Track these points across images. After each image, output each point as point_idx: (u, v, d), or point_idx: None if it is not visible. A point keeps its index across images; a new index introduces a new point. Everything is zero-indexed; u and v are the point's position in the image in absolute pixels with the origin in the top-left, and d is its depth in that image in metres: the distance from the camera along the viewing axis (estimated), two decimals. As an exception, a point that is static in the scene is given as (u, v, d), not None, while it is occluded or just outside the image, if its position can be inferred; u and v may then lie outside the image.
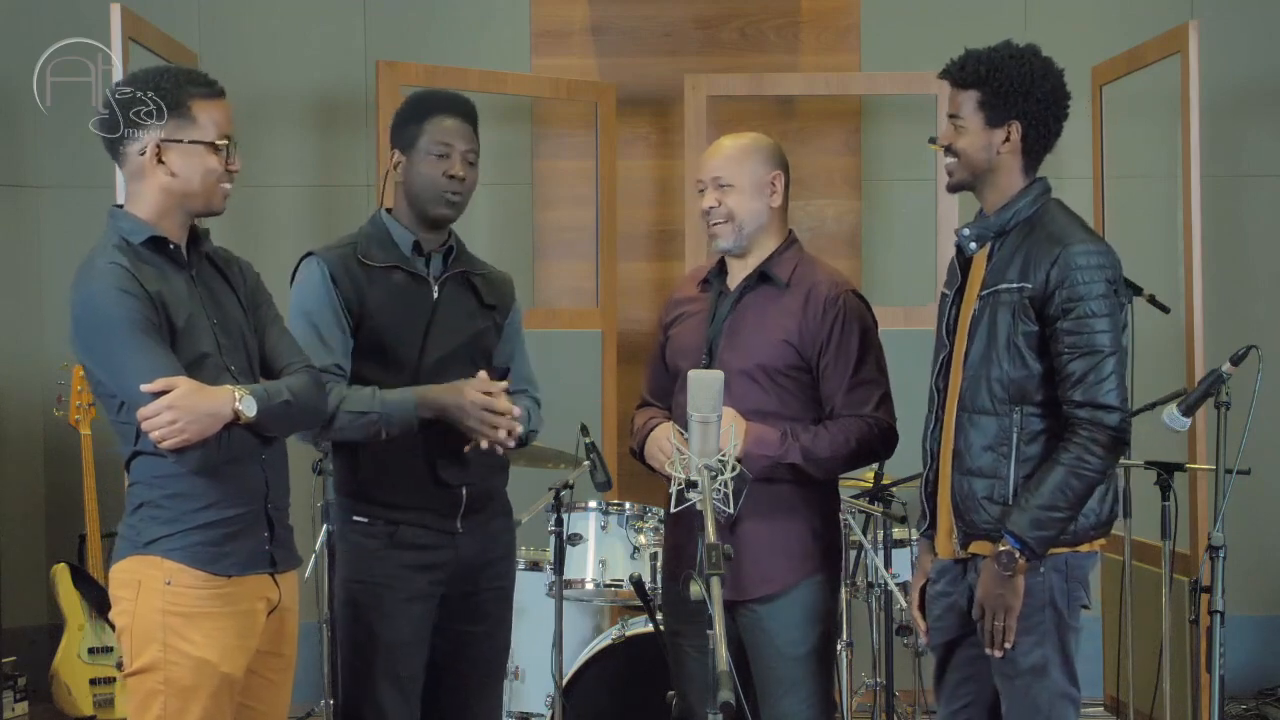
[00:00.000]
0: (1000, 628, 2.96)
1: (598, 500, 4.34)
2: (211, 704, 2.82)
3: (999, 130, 3.05)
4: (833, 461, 3.29)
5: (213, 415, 2.75)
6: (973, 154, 3.06)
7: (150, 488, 2.86)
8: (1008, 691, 3.05)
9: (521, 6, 5.86)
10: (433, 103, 3.37)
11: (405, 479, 3.27)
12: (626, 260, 5.79)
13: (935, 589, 3.17)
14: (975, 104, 3.05)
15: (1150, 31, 5.16)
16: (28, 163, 5.84)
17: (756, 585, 3.29)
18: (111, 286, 2.76)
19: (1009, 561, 2.92)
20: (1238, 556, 3.54)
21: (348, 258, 3.30)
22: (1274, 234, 5.84)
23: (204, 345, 2.86)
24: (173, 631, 2.80)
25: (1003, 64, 3.04)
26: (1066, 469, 2.92)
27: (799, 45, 5.85)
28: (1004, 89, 3.02)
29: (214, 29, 5.75)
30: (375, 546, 3.27)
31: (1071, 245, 2.95)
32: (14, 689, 5.40)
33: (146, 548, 2.83)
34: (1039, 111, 3.04)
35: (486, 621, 3.40)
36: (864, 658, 4.75)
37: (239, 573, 2.87)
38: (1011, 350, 2.98)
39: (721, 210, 3.34)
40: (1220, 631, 3.13)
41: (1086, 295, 2.92)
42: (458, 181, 3.31)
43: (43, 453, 5.83)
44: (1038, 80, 3.04)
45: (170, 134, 2.84)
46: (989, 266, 3.06)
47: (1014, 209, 3.06)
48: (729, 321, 3.36)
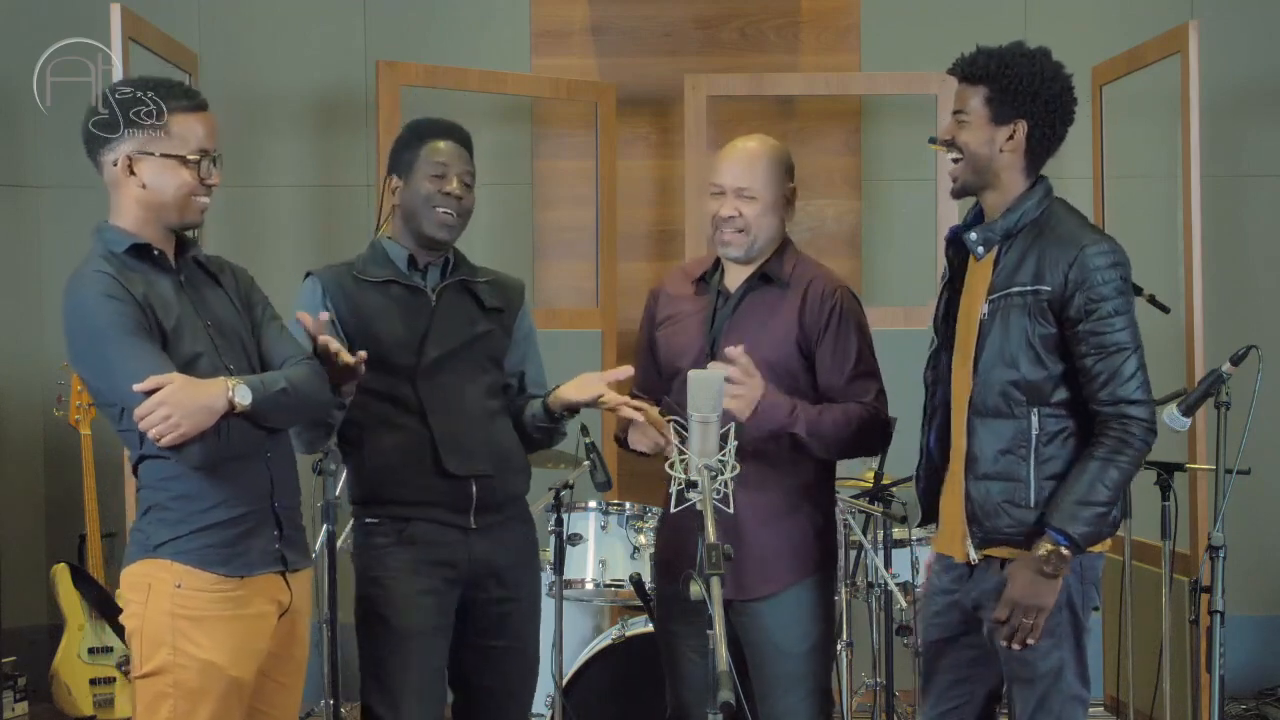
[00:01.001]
0: (1029, 626, 2.95)
1: (598, 500, 4.34)
2: (220, 707, 2.82)
3: (1004, 128, 3.04)
4: (835, 441, 3.30)
5: (207, 408, 2.75)
6: (975, 149, 3.05)
7: (157, 490, 2.86)
8: (1023, 694, 3.04)
9: (521, 6, 5.86)
10: (428, 129, 3.42)
11: (411, 474, 3.27)
12: (626, 260, 5.79)
13: (937, 584, 3.17)
14: (983, 99, 3.05)
15: (1150, 31, 5.16)
16: (28, 163, 5.84)
17: (758, 584, 3.30)
18: (97, 294, 2.77)
19: (1058, 561, 2.91)
20: (1238, 556, 3.55)
21: (342, 275, 3.35)
22: (1274, 234, 5.84)
23: (197, 346, 2.86)
24: (181, 635, 2.81)
25: (1014, 62, 3.03)
26: (1102, 463, 2.92)
27: (799, 45, 5.85)
28: (1013, 86, 3.01)
29: (214, 29, 5.75)
30: (386, 544, 3.28)
31: (1087, 246, 2.95)
32: (14, 689, 5.40)
33: (156, 550, 2.84)
34: (1045, 113, 3.03)
35: (508, 636, 3.38)
36: (864, 658, 4.75)
37: (249, 572, 2.87)
38: (1028, 353, 2.98)
39: (741, 221, 3.33)
40: (1220, 631, 3.14)
41: (1107, 295, 2.93)
42: (454, 200, 3.34)
43: (43, 453, 5.83)
44: (1047, 81, 3.03)
45: (142, 146, 2.84)
46: (997, 270, 3.05)
47: (1019, 211, 3.05)
48: (730, 321, 3.36)
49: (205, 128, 2.89)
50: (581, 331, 5.65)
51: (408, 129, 3.46)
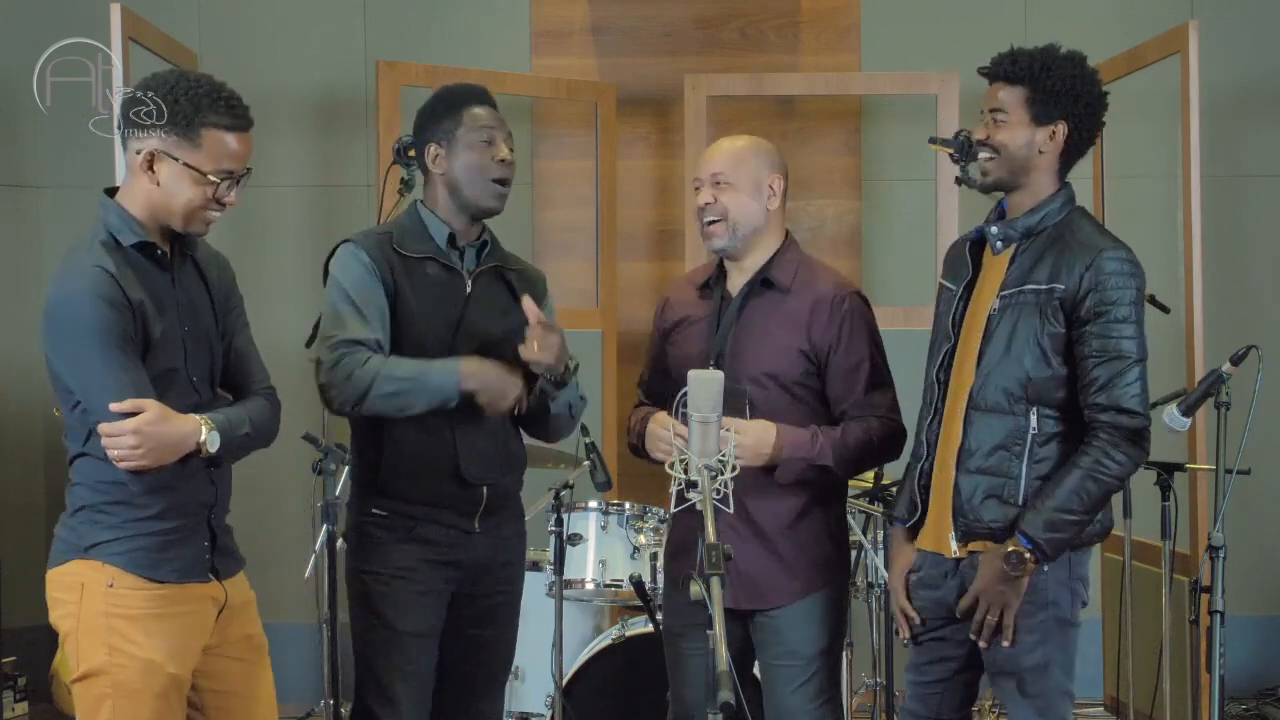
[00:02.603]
0: (994, 623, 2.96)
1: (598, 500, 4.34)
2: (160, 704, 2.79)
3: (1044, 129, 3.04)
4: (859, 461, 3.30)
5: (175, 447, 2.74)
6: (1013, 149, 3.05)
7: (94, 492, 2.82)
8: (1007, 690, 3.05)
9: (521, 6, 5.86)
10: (463, 95, 3.36)
11: (428, 475, 3.25)
12: (626, 260, 5.79)
13: (917, 577, 3.17)
14: (1022, 99, 3.04)
15: (1150, 31, 5.16)
16: (28, 163, 5.84)
17: (774, 595, 3.29)
18: (92, 293, 2.71)
19: (1018, 562, 2.92)
20: (1238, 556, 3.55)
21: (384, 244, 3.28)
22: (1274, 234, 5.84)
23: (174, 360, 2.83)
24: (117, 634, 2.77)
25: (1056, 64, 3.04)
26: (1084, 472, 2.92)
27: (799, 45, 5.85)
28: (1056, 88, 3.02)
29: (214, 29, 5.75)
30: (392, 539, 3.25)
31: (1105, 251, 2.97)
32: (14, 689, 5.40)
33: (88, 552, 2.80)
34: (1085, 115, 3.05)
35: (494, 627, 3.40)
36: (864, 658, 4.75)
37: (178, 580, 2.83)
38: (1035, 350, 2.98)
39: (716, 208, 3.31)
40: (1220, 631, 3.14)
41: (1118, 300, 2.94)
42: (509, 167, 3.30)
43: (43, 453, 5.83)
44: (1088, 84, 3.05)
45: (169, 147, 2.78)
46: (1012, 267, 3.05)
47: (1044, 212, 3.06)
48: (735, 329, 3.33)
49: (240, 147, 2.82)
50: (582, 331, 5.64)
51: (437, 97, 3.39)
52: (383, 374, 3.14)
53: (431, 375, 3.16)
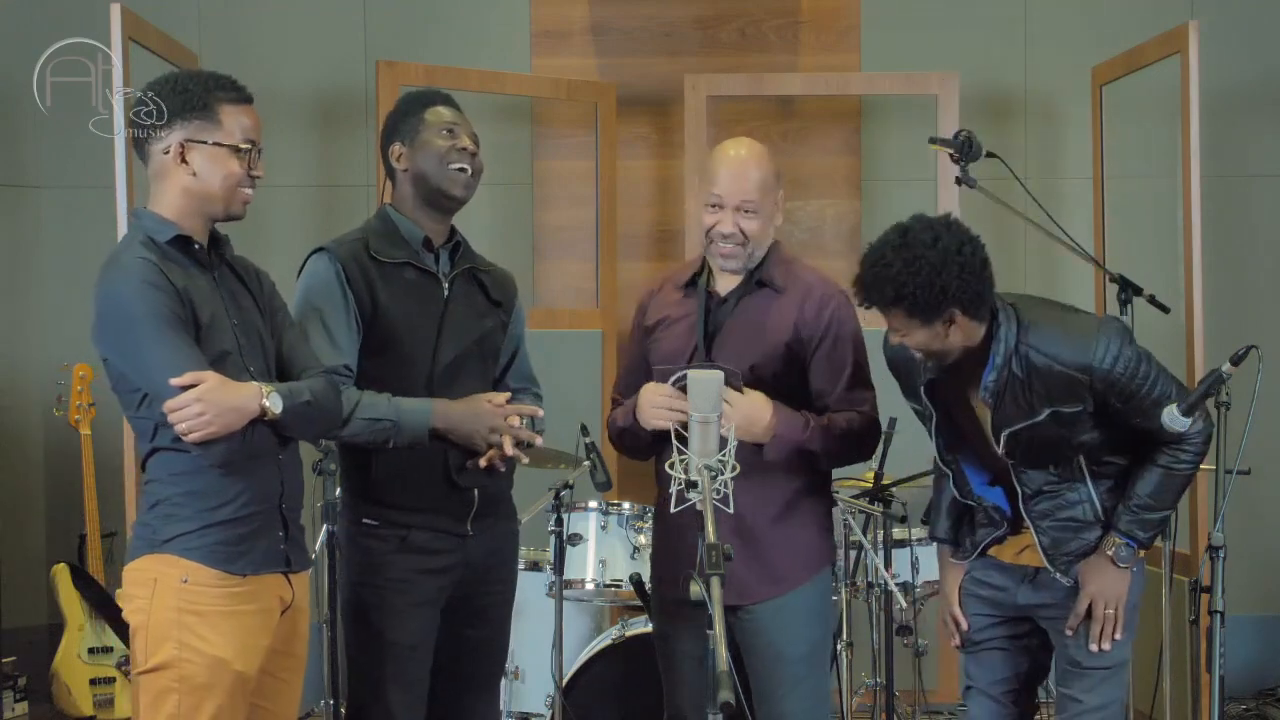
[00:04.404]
0: (1112, 617, 3.11)
1: (598, 500, 4.34)
2: (226, 702, 2.82)
3: (939, 324, 3.00)
4: (841, 452, 3.32)
5: (240, 410, 2.77)
6: (930, 346, 3.05)
7: (167, 485, 2.86)
8: (1086, 683, 3.16)
9: (521, 6, 5.86)
10: (428, 96, 3.40)
11: (419, 482, 3.25)
12: (626, 260, 5.79)
13: (975, 576, 3.28)
14: (904, 315, 2.99)
15: (1150, 31, 5.16)
16: (28, 163, 5.84)
17: (765, 587, 3.29)
18: (139, 281, 2.77)
19: (1129, 555, 3.10)
20: (1238, 556, 3.54)
21: (359, 253, 3.27)
22: (1274, 234, 5.84)
23: (226, 344, 2.88)
24: (188, 629, 2.80)
25: (908, 279, 2.93)
26: (1163, 470, 3.11)
27: (799, 45, 5.85)
28: (921, 298, 2.94)
29: (214, 29, 5.75)
30: (385, 550, 3.25)
31: (1093, 363, 3.01)
32: (14, 689, 5.40)
33: (163, 546, 2.84)
34: (965, 291, 2.96)
35: (488, 626, 3.41)
36: (864, 658, 4.74)
37: (254, 571, 2.88)
38: (1067, 448, 3.11)
39: (741, 237, 3.30)
40: (1220, 631, 3.14)
41: (1133, 374, 3.04)
42: (469, 155, 3.30)
43: (43, 453, 5.83)
44: (949, 274, 2.93)
45: (194, 134, 2.86)
46: (999, 410, 3.09)
47: (998, 349, 3.05)
48: (727, 325, 3.34)
49: (251, 120, 2.93)
50: (581, 332, 5.66)
51: (403, 100, 3.42)
52: (356, 416, 3.16)
53: (405, 415, 3.18)
